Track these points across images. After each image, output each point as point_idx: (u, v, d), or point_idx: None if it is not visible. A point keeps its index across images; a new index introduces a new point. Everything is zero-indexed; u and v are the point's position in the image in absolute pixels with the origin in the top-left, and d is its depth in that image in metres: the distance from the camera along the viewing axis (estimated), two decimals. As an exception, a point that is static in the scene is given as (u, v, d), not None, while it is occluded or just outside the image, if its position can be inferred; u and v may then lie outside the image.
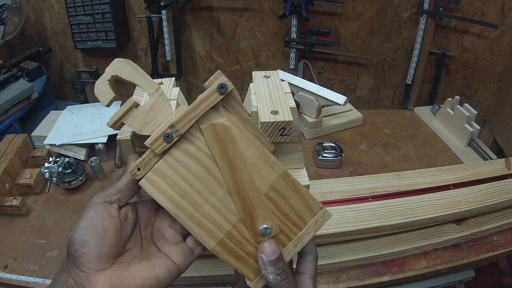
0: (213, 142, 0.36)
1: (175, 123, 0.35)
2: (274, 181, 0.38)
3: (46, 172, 0.88)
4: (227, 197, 0.37)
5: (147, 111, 0.38)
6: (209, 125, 0.36)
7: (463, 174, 0.82)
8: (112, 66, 0.39)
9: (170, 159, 0.36)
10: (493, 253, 0.76)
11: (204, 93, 0.35)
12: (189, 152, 0.36)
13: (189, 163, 0.36)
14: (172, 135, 0.35)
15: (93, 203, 0.38)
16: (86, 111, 1.10)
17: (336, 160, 0.97)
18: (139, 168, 0.36)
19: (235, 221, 0.37)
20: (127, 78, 0.38)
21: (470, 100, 1.92)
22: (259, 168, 0.37)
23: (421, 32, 1.68)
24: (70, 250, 0.36)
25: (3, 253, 0.75)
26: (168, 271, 0.38)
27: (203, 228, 0.37)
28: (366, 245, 0.72)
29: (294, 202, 0.38)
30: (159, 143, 0.35)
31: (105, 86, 0.38)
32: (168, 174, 0.36)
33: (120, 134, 0.50)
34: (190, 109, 0.35)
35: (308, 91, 1.07)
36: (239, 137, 0.37)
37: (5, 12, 1.57)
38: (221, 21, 1.81)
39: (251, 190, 0.37)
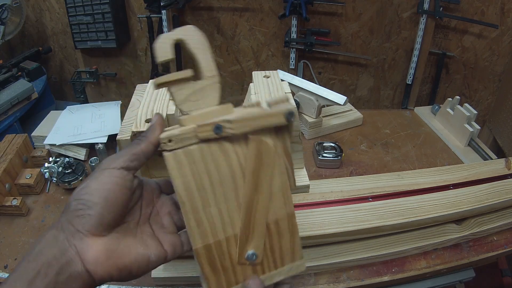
0: (252, 156, 0.36)
1: (233, 120, 0.34)
2: (280, 217, 0.38)
3: (46, 172, 0.88)
4: (236, 211, 0.37)
5: (196, 90, 0.37)
6: (258, 139, 0.36)
7: (463, 174, 0.82)
8: (186, 29, 0.37)
9: (206, 149, 0.35)
10: (493, 253, 0.76)
11: (272, 110, 0.35)
12: (227, 153, 0.36)
13: (221, 162, 0.36)
14: (224, 129, 0.34)
15: (109, 167, 0.36)
16: (86, 111, 1.10)
17: (336, 160, 0.97)
18: (170, 139, 0.34)
19: (230, 235, 0.37)
20: (192, 48, 0.37)
21: (470, 100, 1.92)
22: (275, 199, 0.38)
23: (421, 32, 1.68)
24: (72, 207, 0.34)
25: (3, 253, 0.75)
26: (158, 255, 0.38)
27: (199, 227, 0.36)
28: (366, 245, 0.72)
29: (285, 242, 0.39)
30: (207, 129, 0.34)
31: (169, 44, 0.37)
32: (197, 162, 0.35)
33: (120, 134, 0.50)
34: (253, 115, 0.35)
35: (308, 91, 1.07)
36: (276, 164, 0.37)
37: (5, 12, 1.57)
38: (221, 21, 1.81)
39: (260, 215, 0.37)
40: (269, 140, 0.36)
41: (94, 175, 0.36)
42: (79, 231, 0.34)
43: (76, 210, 0.34)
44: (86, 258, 0.33)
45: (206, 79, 0.38)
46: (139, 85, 0.63)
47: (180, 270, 0.68)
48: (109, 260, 0.34)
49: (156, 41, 0.37)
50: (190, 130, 0.34)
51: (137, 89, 0.62)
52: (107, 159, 0.37)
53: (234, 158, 0.36)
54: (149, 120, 0.51)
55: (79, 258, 0.33)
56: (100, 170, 0.36)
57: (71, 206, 0.34)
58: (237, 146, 0.36)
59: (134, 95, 0.59)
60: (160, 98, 0.56)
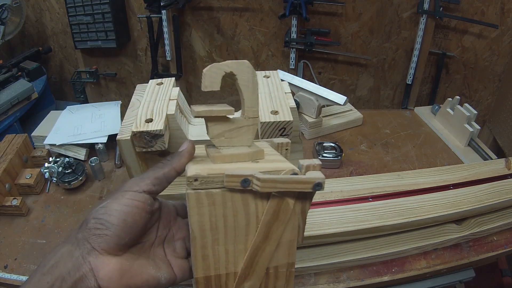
0: (270, 211, 0.37)
1: (262, 179, 0.34)
2: (281, 265, 0.40)
3: (46, 172, 0.88)
4: (242, 252, 0.38)
5: (233, 128, 0.39)
6: (280, 198, 0.36)
7: (463, 174, 0.82)
8: (240, 64, 0.37)
9: (228, 196, 0.36)
10: (493, 253, 0.76)
11: (302, 178, 0.36)
12: (247, 203, 0.37)
13: (239, 210, 0.37)
14: (251, 184, 0.35)
15: (131, 189, 0.36)
16: (86, 111, 1.10)
17: (336, 160, 0.97)
18: (197, 179, 0.35)
19: (231, 272, 0.39)
20: (239, 84, 0.38)
21: (470, 100, 1.92)
22: (281, 249, 0.39)
23: (421, 32, 1.68)
24: (90, 225, 0.35)
25: (3, 253, 0.75)
26: (168, 279, 0.38)
27: (204, 261, 0.38)
28: (366, 245, 0.72)
29: (279, 285, 0.41)
30: (234, 181, 0.35)
31: (219, 74, 0.37)
32: (217, 205, 0.36)
33: (120, 134, 0.50)
34: (282, 180, 0.35)
35: (308, 91, 1.07)
36: (290, 221, 0.38)
37: (5, 12, 1.57)
38: (221, 21, 1.81)
39: (263, 260, 0.39)
40: (290, 201, 0.37)
41: (115, 195, 0.36)
42: (95, 249, 0.34)
43: (95, 228, 0.34)
44: (99, 275, 0.34)
45: (246, 119, 0.39)
46: (139, 85, 0.63)
47: (180, 270, 0.68)
48: (122, 279, 0.35)
49: (207, 69, 0.36)
50: (218, 176, 0.35)
51: (137, 89, 0.62)
52: (130, 182, 0.37)
53: (252, 208, 0.37)
54: (149, 120, 0.51)
55: (92, 275, 0.34)
56: (121, 192, 0.36)
57: (89, 224, 0.35)
58: (258, 199, 0.37)
59: (134, 95, 0.59)
60: (160, 98, 0.56)
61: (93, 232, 0.34)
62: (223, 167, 0.37)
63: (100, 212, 0.35)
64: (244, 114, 0.39)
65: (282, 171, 0.36)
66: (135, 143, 0.50)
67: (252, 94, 0.39)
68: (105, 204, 0.35)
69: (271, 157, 0.40)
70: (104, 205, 0.35)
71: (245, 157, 0.38)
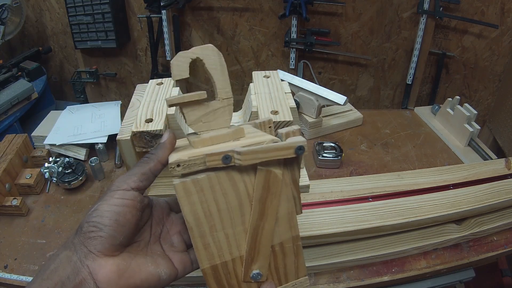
0: (260, 185, 0.36)
1: (242, 152, 0.34)
2: (285, 239, 0.39)
3: (46, 172, 0.88)
4: (242, 234, 0.38)
5: (209, 111, 0.38)
6: (266, 170, 0.36)
7: (463, 174, 0.82)
8: (204, 49, 0.38)
9: (214, 178, 0.36)
10: (493, 253, 0.76)
11: (282, 144, 0.35)
12: (234, 181, 0.36)
13: (228, 191, 0.36)
14: (232, 159, 0.34)
15: (119, 188, 0.37)
16: (86, 111, 1.10)
17: (336, 160, 0.97)
18: (179, 164, 0.34)
19: (236, 256, 0.38)
20: (208, 68, 0.38)
21: (470, 100, 1.92)
22: (281, 224, 0.38)
23: (421, 32, 1.68)
24: (84, 229, 0.35)
25: (3, 253, 0.75)
26: (169, 274, 0.39)
27: (206, 249, 0.37)
28: (366, 245, 0.72)
29: (289, 262, 0.40)
30: (215, 159, 0.34)
31: (186, 62, 0.37)
32: (205, 190, 0.36)
33: (120, 134, 0.50)
34: (262, 149, 0.35)
35: (308, 91, 1.07)
36: (283, 192, 0.38)
37: (5, 12, 1.57)
38: (221, 21, 1.81)
39: (265, 239, 0.38)
40: (278, 171, 0.36)
41: (105, 197, 0.36)
42: (92, 252, 0.34)
43: (88, 232, 0.35)
44: (98, 278, 0.34)
45: (220, 101, 0.39)
46: (139, 85, 0.63)
47: (180, 270, 0.68)
48: (120, 280, 0.35)
49: (174, 58, 0.37)
50: (198, 157, 0.35)
51: (137, 89, 0.62)
52: (118, 180, 0.38)
53: (241, 186, 0.36)
54: (149, 120, 0.51)
55: (91, 278, 0.34)
56: (111, 192, 0.37)
57: (83, 228, 0.35)
58: (245, 175, 0.36)
59: (134, 95, 0.59)
60: (160, 98, 0.56)
61: (87, 235, 0.35)
62: (203, 149, 0.36)
63: (92, 215, 0.35)
64: (218, 96, 0.39)
65: (262, 143, 0.36)
66: (135, 143, 0.50)
67: (221, 75, 0.38)
68: (97, 207, 0.36)
69: (252, 134, 0.39)
70: (95, 207, 0.36)
71: (225, 138, 0.38)
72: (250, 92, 0.60)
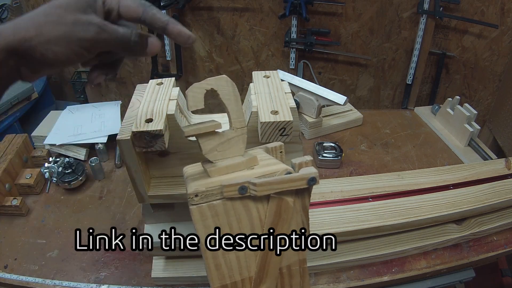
0: (272, 212, 0.38)
1: (258, 184, 0.36)
2: (293, 262, 0.41)
3: (46, 172, 0.88)
4: (253, 256, 0.39)
5: (223, 141, 0.40)
6: (279, 198, 0.38)
7: (463, 174, 0.82)
8: (218, 80, 0.39)
9: (229, 205, 0.37)
10: (493, 253, 0.76)
11: (295, 175, 0.37)
12: (248, 208, 0.38)
13: (242, 216, 0.38)
14: (248, 190, 0.36)
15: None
16: (86, 111, 1.10)
17: (336, 160, 0.97)
18: (197, 195, 0.36)
19: (246, 277, 0.40)
20: (222, 99, 0.39)
21: (470, 100, 1.92)
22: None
23: (421, 32, 1.68)
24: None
25: (3, 253, 0.75)
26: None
27: (218, 270, 0.39)
28: (366, 245, 0.72)
29: (295, 283, 0.42)
30: (232, 190, 0.36)
31: (201, 93, 0.38)
32: (220, 215, 0.37)
33: (120, 134, 0.50)
34: (277, 180, 0.37)
35: (308, 91, 1.07)
36: (293, 218, 0.39)
37: (5, 12, 1.57)
38: (221, 21, 1.81)
39: (274, 261, 0.40)
40: (289, 199, 0.38)
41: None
42: None
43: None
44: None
45: (234, 130, 0.41)
46: (139, 85, 0.63)
47: (180, 270, 0.68)
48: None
49: (189, 90, 0.38)
50: (216, 188, 0.37)
51: (137, 89, 0.61)
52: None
53: (255, 212, 0.38)
54: (149, 120, 0.51)
55: None
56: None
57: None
58: (258, 203, 0.38)
59: (134, 95, 0.59)
60: (160, 98, 0.56)
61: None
62: (220, 179, 0.38)
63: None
64: (232, 126, 0.41)
65: (276, 172, 0.38)
66: (135, 143, 0.50)
67: (235, 105, 0.40)
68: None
69: (265, 162, 0.41)
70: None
71: (240, 166, 0.40)
72: (250, 92, 0.60)
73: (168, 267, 0.68)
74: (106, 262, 0.72)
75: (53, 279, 0.69)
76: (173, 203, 0.59)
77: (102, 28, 0.37)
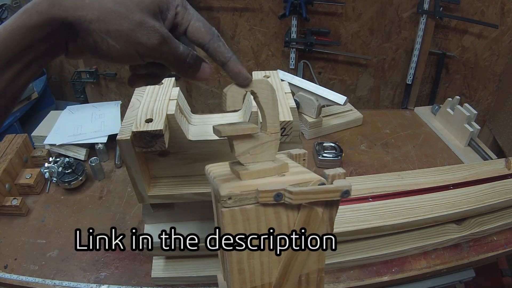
0: (301, 220, 0.38)
1: (294, 192, 0.36)
2: (312, 271, 0.41)
3: (46, 172, 0.88)
4: (276, 263, 0.39)
5: (257, 144, 0.40)
6: (309, 207, 0.38)
7: (463, 174, 0.82)
8: (259, 83, 0.39)
9: (261, 211, 0.37)
10: (493, 253, 0.76)
11: (331, 187, 0.37)
12: (279, 215, 0.38)
13: (272, 222, 0.38)
14: (283, 197, 0.36)
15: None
16: (86, 111, 1.10)
17: (336, 160, 0.97)
18: (230, 197, 0.36)
19: (266, 282, 0.40)
20: (260, 102, 0.39)
21: (470, 100, 1.92)
22: (311, 256, 0.40)
23: (421, 32, 1.68)
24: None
25: (3, 253, 0.75)
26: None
27: (240, 274, 0.39)
28: (366, 245, 0.72)
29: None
30: (267, 196, 0.36)
31: (240, 94, 0.38)
32: (251, 220, 0.37)
33: (120, 134, 0.50)
34: (313, 190, 0.37)
35: (308, 91, 1.07)
36: (319, 228, 0.39)
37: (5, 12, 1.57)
38: (221, 21, 1.81)
39: (296, 268, 0.40)
40: (319, 210, 0.38)
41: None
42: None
43: None
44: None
45: (269, 135, 0.40)
46: (139, 85, 0.63)
47: (180, 270, 0.68)
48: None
49: (228, 89, 0.37)
50: (251, 193, 0.36)
51: (137, 89, 0.61)
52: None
53: (284, 219, 0.38)
54: (149, 120, 0.51)
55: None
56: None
57: None
58: (289, 211, 0.38)
59: (134, 95, 0.59)
60: (160, 98, 0.56)
61: None
62: (253, 183, 0.38)
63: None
64: (267, 130, 0.40)
65: (309, 182, 0.38)
66: (135, 143, 0.50)
67: (272, 110, 0.40)
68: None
69: (295, 169, 0.41)
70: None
71: (271, 172, 0.40)
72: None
73: (168, 267, 0.68)
74: (106, 262, 0.72)
75: (53, 279, 0.69)
76: (173, 203, 0.59)
77: (166, 40, 0.34)
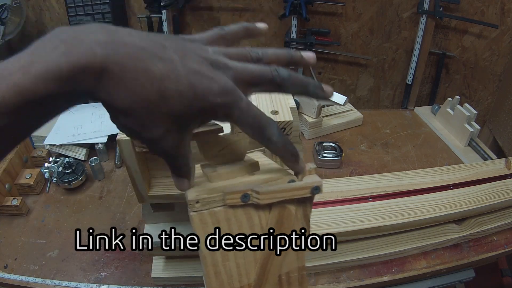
0: (274, 220, 0.38)
1: (261, 192, 0.35)
2: (292, 269, 0.41)
3: (46, 172, 0.88)
4: (252, 264, 0.39)
5: (225, 145, 0.39)
6: (281, 206, 0.37)
7: (463, 174, 0.82)
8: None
9: (231, 213, 0.37)
10: (493, 253, 0.76)
11: (299, 184, 0.37)
12: (250, 215, 0.37)
13: (243, 224, 0.37)
14: (251, 197, 0.36)
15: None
16: (86, 111, 1.09)
17: (336, 160, 0.97)
18: (198, 201, 0.35)
19: (245, 284, 0.39)
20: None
21: (470, 100, 1.92)
22: (289, 255, 0.40)
23: (421, 32, 1.68)
24: None
25: (3, 253, 0.75)
26: None
27: (217, 277, 0.38)
28: (366, 245, 0.72)
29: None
30: (234, 197, 0.36)
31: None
32: (221, 222, 0.37)
33: (120, 134, 0.50)
34: (280, 189, 0.36)
35: (308, 91, 1.07)
36: (294, 226, 0.39)
37: (5, 12, 1.57)
38: (221, 21, 1.81)
39: (274, 268, 0.39)
40: (292, 207, 0.38)
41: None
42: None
43: None
44: None
45: (236, 135, 0.40)
46: (139, 85, 0.63)
47: (180, 270, 0.68)
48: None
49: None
50: (217, 195, 0.36)
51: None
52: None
53: (256, 220, 0.37)
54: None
55: None
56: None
57: None
58: (260, 211, 0.37)
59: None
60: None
61: None
62: (221, 185, 0.37)
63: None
64: (234, 130, 0.41)
65: (279, 180, 0.37)
66: (135, 143, 0.50)
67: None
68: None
69: (267, 167, 0.41)
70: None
71: (241, 172, 0.39)
72: (250, 92, 0.60)
73: (168, 267, 0.68)
74: (106, 262, 0.72)
75: (53, 279, 0.69)
76: (173, 203, 0.59)
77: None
